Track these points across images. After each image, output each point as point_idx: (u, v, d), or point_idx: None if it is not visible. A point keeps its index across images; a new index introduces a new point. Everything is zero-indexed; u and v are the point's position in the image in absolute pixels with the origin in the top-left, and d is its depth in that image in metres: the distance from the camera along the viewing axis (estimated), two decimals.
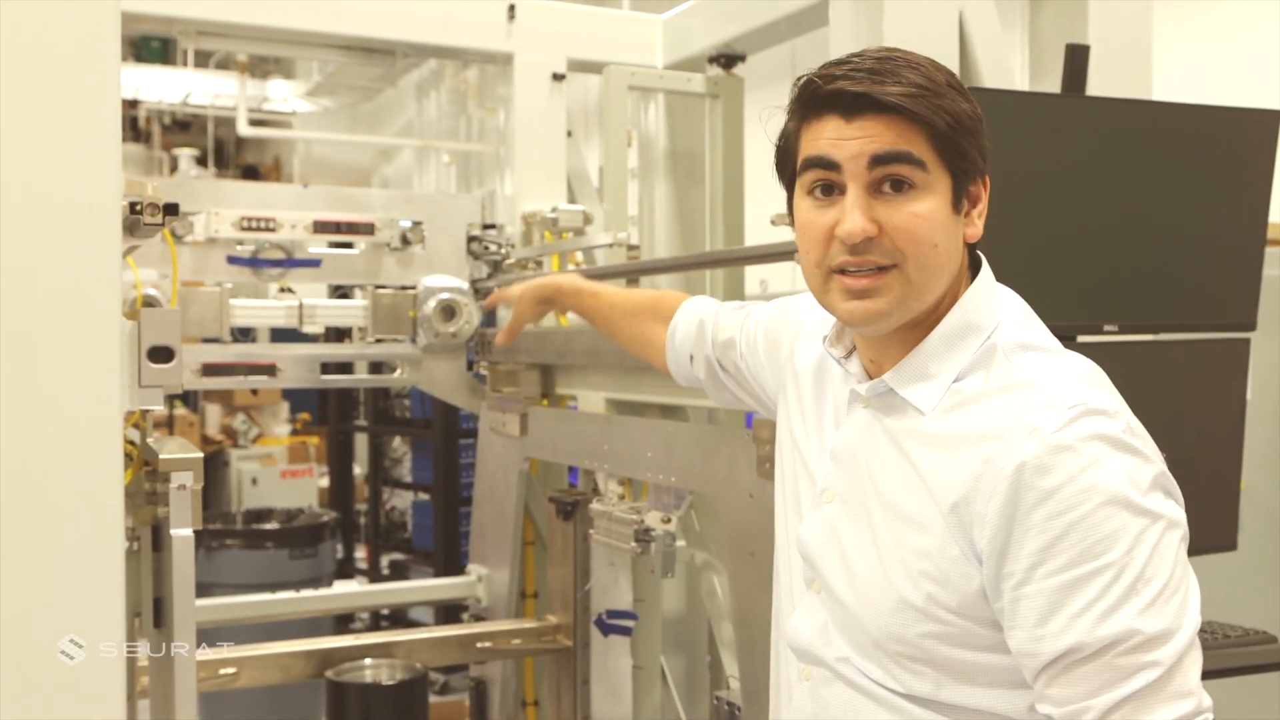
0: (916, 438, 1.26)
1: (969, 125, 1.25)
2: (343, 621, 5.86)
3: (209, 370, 3.34)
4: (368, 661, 3.07)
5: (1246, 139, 2.24)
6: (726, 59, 3.55)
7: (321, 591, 4.52)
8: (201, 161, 10.83)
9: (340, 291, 4.13)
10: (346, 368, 5.43)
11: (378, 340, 3.51)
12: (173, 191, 3.33)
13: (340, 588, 5.25)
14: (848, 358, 1.38)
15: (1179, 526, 1.16)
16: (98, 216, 1.47)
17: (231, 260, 3.35)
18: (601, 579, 2.97)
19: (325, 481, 7.88)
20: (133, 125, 10.92)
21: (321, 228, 3.39)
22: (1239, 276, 2.26)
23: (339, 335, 3.70)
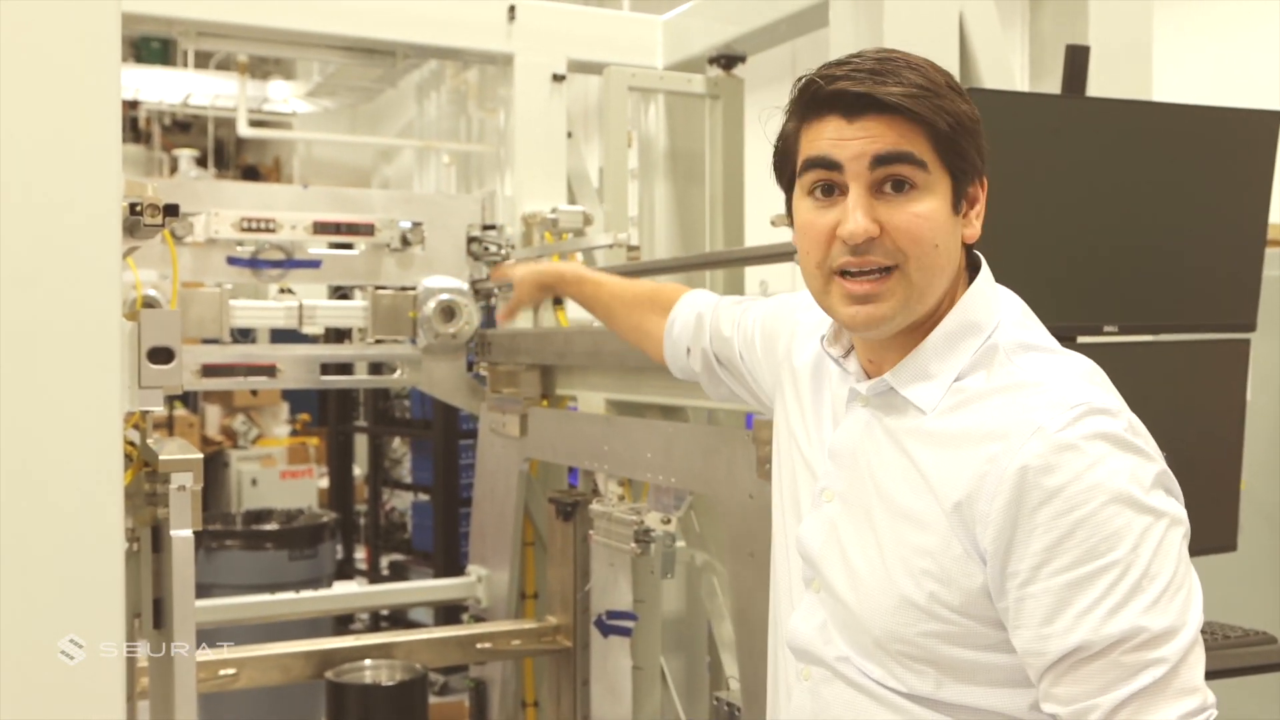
0: (918, 437, 1.26)
1: (969, 126, 1.26)
2: (342, 622, 5.86)
3: (209, 371, 3.34)
4: (367, 662, 3.07)
5: (1246, 140, 2.24)
6: (726, 60, 3.55)
7: (321, 592, 4.53)
8: (201, 162, 10.83)
9: (340, 292, 4.13)
10: (346, 368, 5.43)
11: (378, 341, 3.51)
12: (173, 192, 3.33)
13: (340, 588, 5.25)
14: (845, 357, 1.38)
15: (1181, 524, 1.16)
16: (98, 217, 1.47)
17: (231, 261, 3.35)
18: (601, 580, 2.97)
19: (325, 482, 7.87)
20: (133, 126, 10.92)
21: (321, 228, 3.39)
22: (1239, 277, 2.26)
23: (339, 336, 3.70)
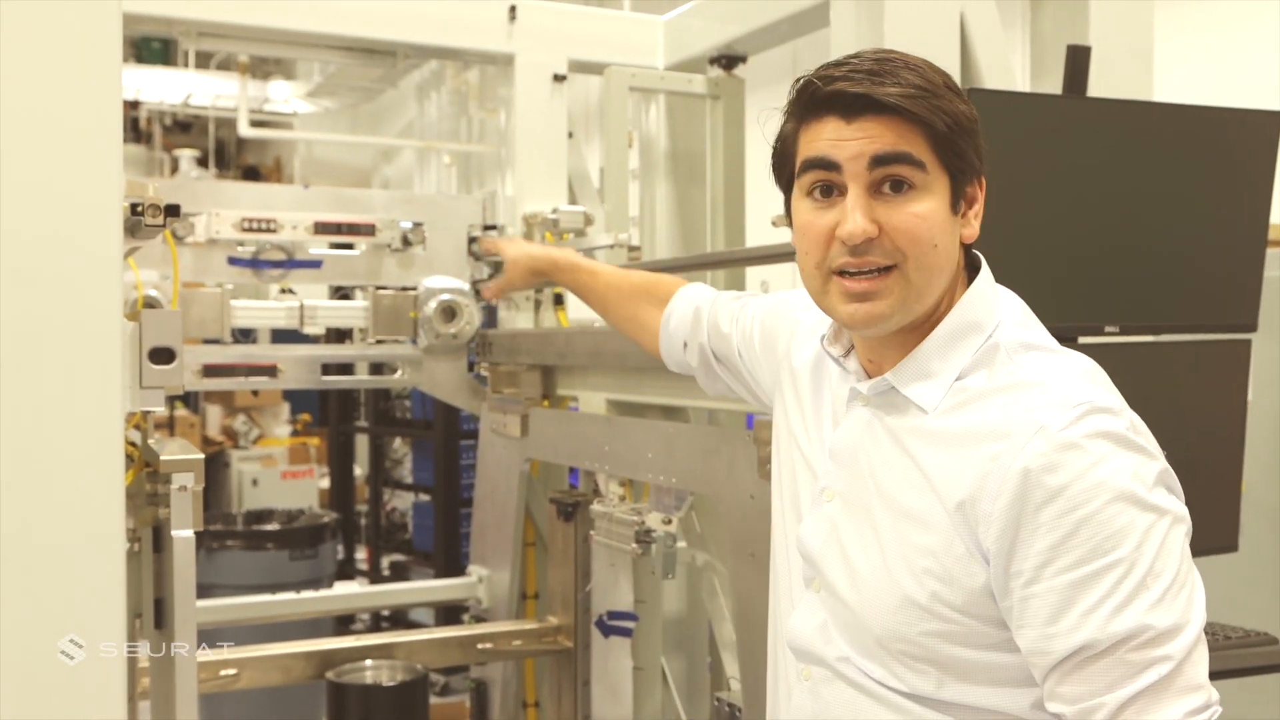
0: (919, 436, 1.26)
1: (967, 126, 1.26)
2: (343, 623, 5.86)
3: (210, 371, 3.34)
4: (368, 663, 3.07)
5: (1247, 140, 2.24)
6: (727, 60, 3.55)
7: (322, 593, 4.52)
8: (202, 162, 10.83)
9: (341, 292, 4.13)
10: (347, 369, 5.43)
11: (378, 341, 3.51)
12: (174, 192, 3.34)
13: (341, 589, 5.26)
14: (846, 356, 1.38)
15: (1184, 522, 1.16)
16: (99, 217, 1.47)
17: (232, 261, 3.35)
18: (602, 580, 2.97)
19: (326, 482, 7.88)
20: (134, 126, 10.92)
21: (322, 229, 3.39)
22: (1240, 277, 2.26)
23: (340, 336, 3.70)
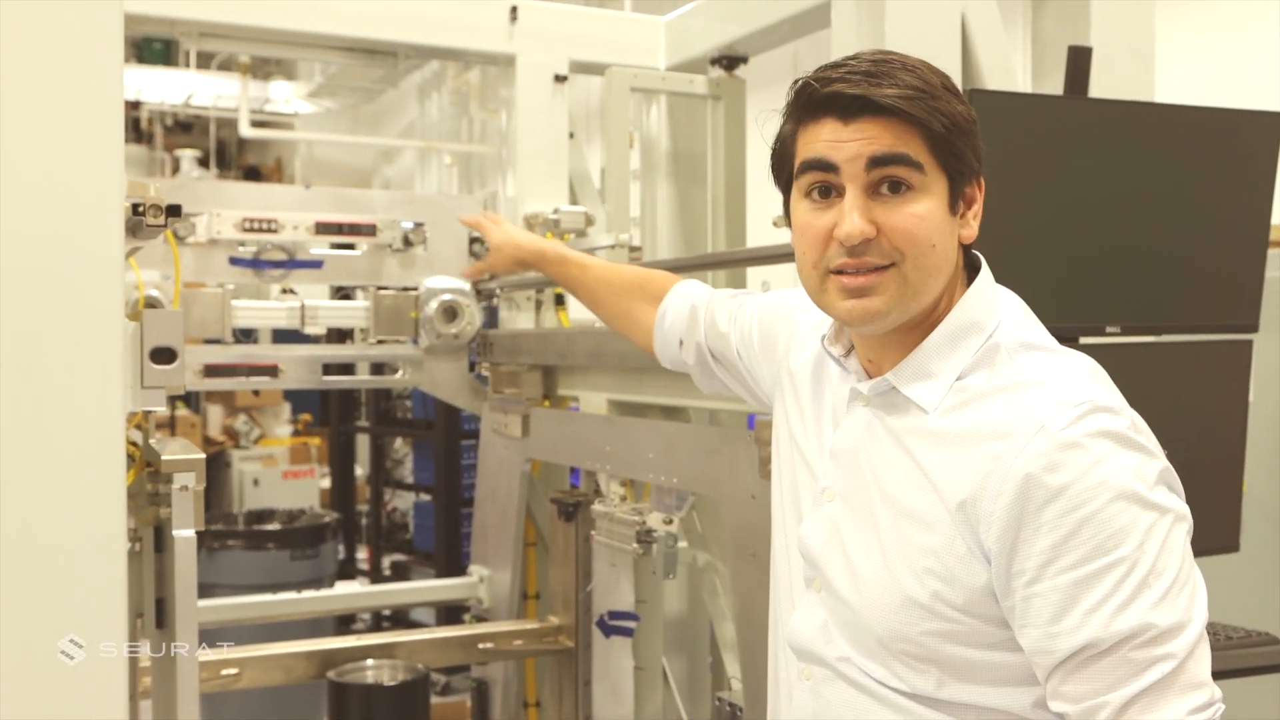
0: (920, 436, 1.26)
1: (964, 127, 1.26)
2: (344, 622, 5.86)
3: (211, 371, 3.34)
4: (369, 662, 3.07)
5: (1249, 141, 2.24)
6: (728, 60, 3.55)
7: (323, 592, 4.52)
8: (203, 163, 10.84)
9: (342, 293, 4.13)
10: (348, 369, 5.43)
11: (379, 341, 3.51)
12: (175, 193, 3.34)
13: (342, 589, 5.26)
14: (846, 356, 1.39)
15: (1185, 520, 1.16)
16: (100, 218, 1.47)
17: (233, 261, 3.35)
18: (603, 580, 2.97)
19: (327, 482, 7.88)
20: (135, 126, 10.93)
21: (323, 229, 3.38)
22: (1241, 278, 2.26)
23: (341, 336, 3.70)
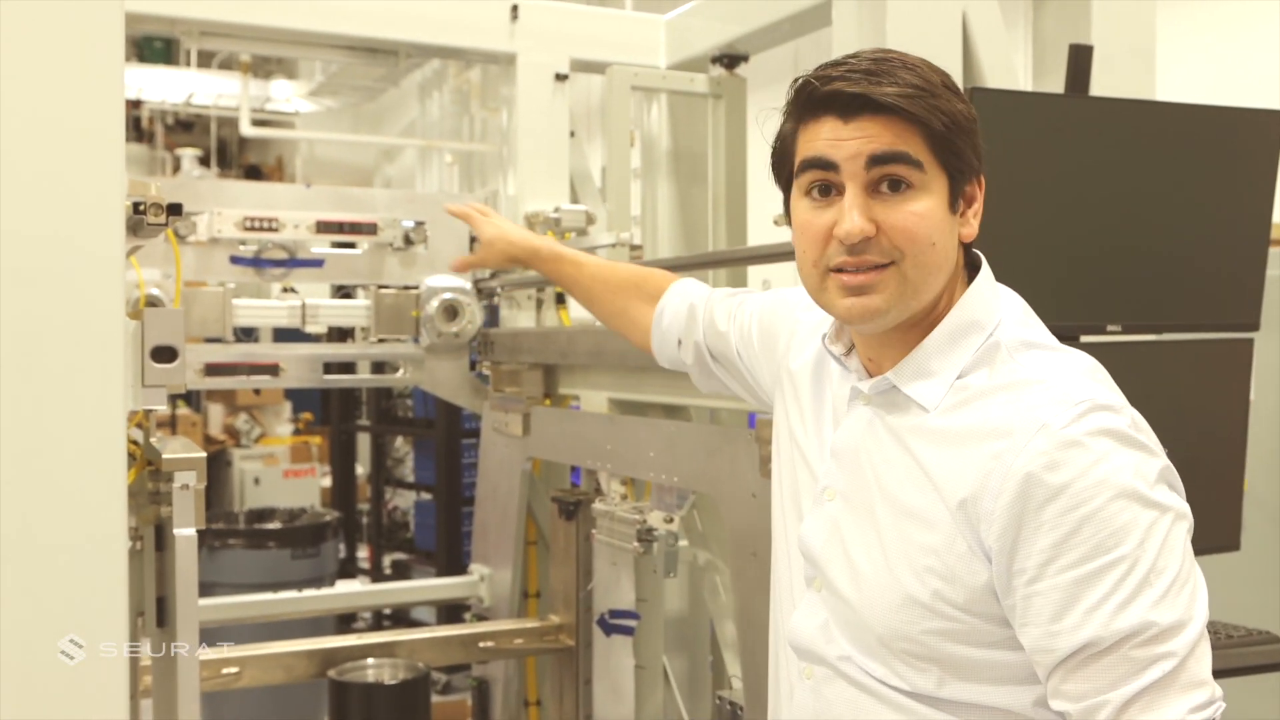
0: (921, 435, 1.26)
1: (964, 126, 1.26)
2: (345, 621, 5.86)
3: (212, 370, 3.35)
4: (370, 661, 3.07)
5: (1249, 139, 2.24)
6: (729, 59, 3.55)
7: (324, 591, 4.52)
8: (204, 161, 10.85)
9: (343, 291, 4.13)
10: (349, 367, 5.43)
11: (380, 340, 3.51)
12: (176, 191, 3.33)
13: (342, 587, 5.26)
14: (847, 355, 1.39)
15: (1185, 519, 1.16)
16: (101, 216, 1.47)
17: (234, 260, 3.35)
18: (604, 579, 2.97)
19: (328, 481, 7.88)
20: (136, 125, 10.94)
21: (324, 228, 3.39)
22: (1242, 276, 2.26)
23: (341, 335, 3.71)
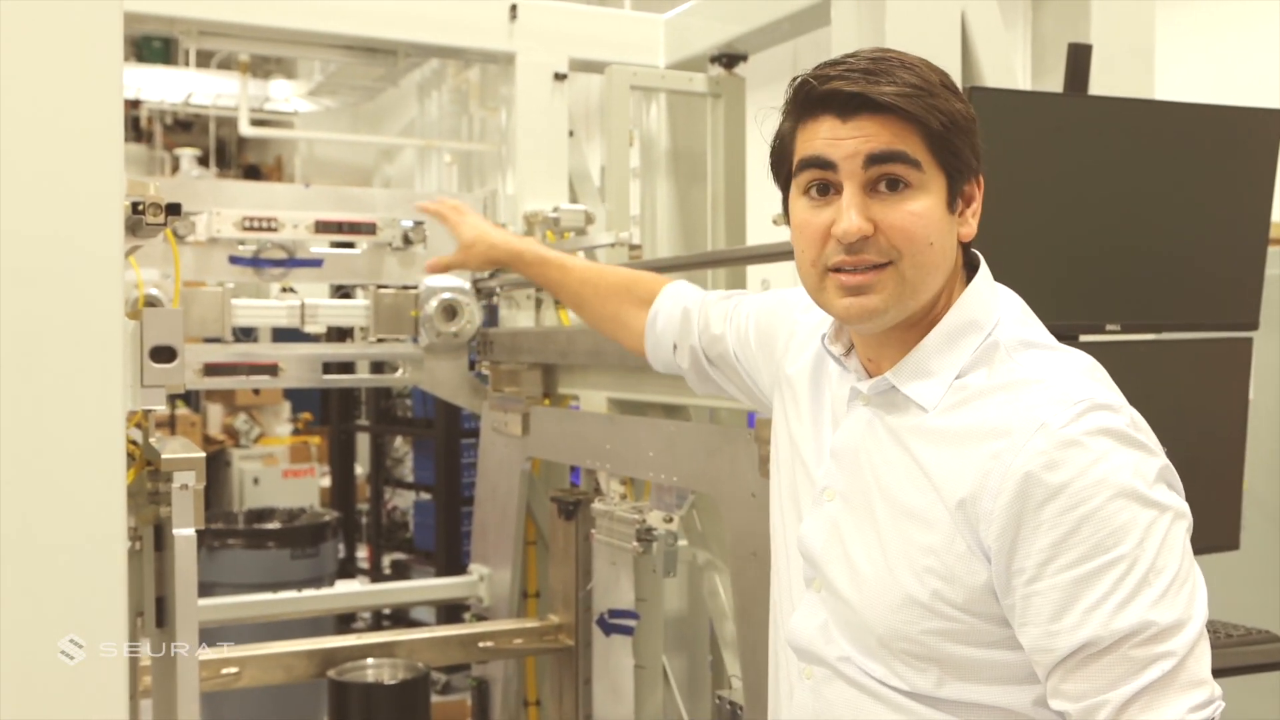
0: (920, 435, 1.26)
1: (963, 125, 1.26)
2: (344, 621, 5.86)
3: (211, 370, 3.34)
4: (370, 661, 3.07)
5: (1249, 138, 2.24)
6: (728, 59, 3.55)
7: (323, 591, 4.53)
8: (203, 161, 10.84)
9: (342, 291, 4.14)
10: (348, 367, 5.43)
11: (379, 340, 3.51)
12: (175, 191, 3.33)
13: (342, 587, 5.26)
14: (846, 355, 1.39)
15: (1185, 518, 1.16)
16: (100, 216, 1.47)
17: (233, 260, 3.35)
18: (603, 578, 2.97)
19: (327, 481, 7.88)
20: (134, 125, 10.93)
21: (323, 227, 3.38)
22: (1241, 276, 2.26)
23: (341, 335, 3.70)
